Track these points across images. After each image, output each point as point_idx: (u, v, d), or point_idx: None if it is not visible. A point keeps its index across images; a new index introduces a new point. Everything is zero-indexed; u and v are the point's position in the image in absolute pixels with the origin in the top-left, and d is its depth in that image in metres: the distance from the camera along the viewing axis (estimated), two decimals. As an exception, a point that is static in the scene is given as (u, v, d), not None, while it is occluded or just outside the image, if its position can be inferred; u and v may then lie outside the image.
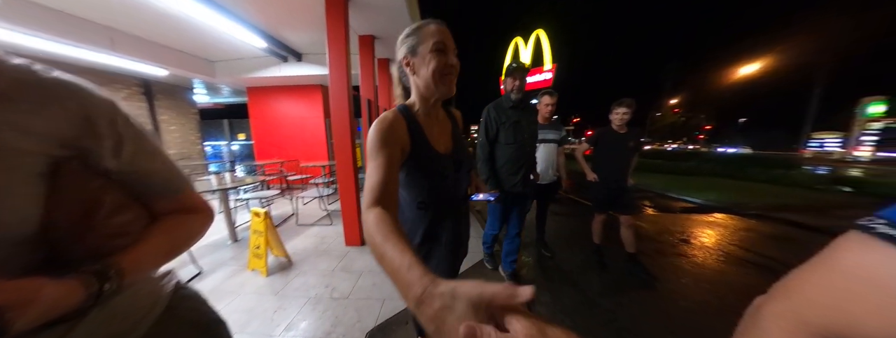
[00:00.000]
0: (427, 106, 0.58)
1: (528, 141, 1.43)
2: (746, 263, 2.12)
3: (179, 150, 4.84)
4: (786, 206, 3.96)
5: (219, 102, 6.99)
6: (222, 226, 2.31)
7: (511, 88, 1.36)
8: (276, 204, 3.58)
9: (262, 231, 1.65)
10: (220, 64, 3.98)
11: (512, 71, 1.35)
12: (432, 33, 0.52)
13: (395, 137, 0.52)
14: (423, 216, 0.62)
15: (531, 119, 1.45)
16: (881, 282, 0.12)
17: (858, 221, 0.15)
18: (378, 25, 2.65)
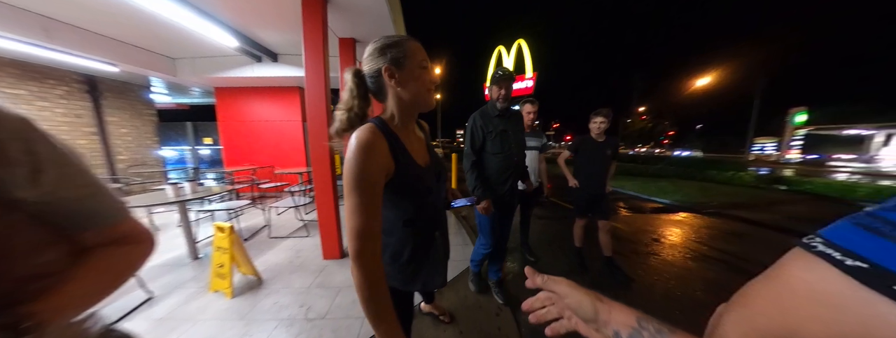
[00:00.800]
0: (406, 119, 0.57)
1: (516, 150, 1.38)
2: (709, 259, 2.31)
3: (132, 155, 4.31)
4: (738, 204, 4.45)
5: (183, 102, 6.39)
6: (180, 242, 2.06)
7: (497, 97, 1.32)
8: (247, 215, 3.29)
9: (227, 248, 1.48)
10: (182, 61, 3.64)
11: (498, 79, 1.29)
12: (418, 50, 0.53)
13: (379, 164, 0.49)
14: (412, 234, 0.60)
15: (518, 127, 1.40)
16: (819, 295, 0.15)
17: (802, 239, 0.18)
18: (360, 29, 2.59)
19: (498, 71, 1.31)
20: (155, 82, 4.43)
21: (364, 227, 0.46)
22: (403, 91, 0.54)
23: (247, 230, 2.70)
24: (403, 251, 0.60)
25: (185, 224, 1.95)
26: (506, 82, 1.29)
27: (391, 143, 0.52)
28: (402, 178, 0.53)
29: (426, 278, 0.63)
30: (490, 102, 1.37)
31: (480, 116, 1.35)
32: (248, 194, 3.93)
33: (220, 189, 2.18)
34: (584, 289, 0.29)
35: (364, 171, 0.47)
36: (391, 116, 0.56)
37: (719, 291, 1.78)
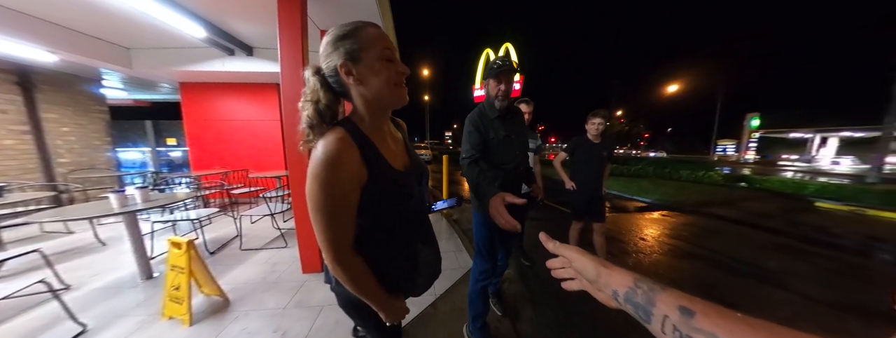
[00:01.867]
0: (376, 120, 0.51)
1: (521, 158, 1.16)
2: (694, 256, 2.39)
3: (76, 158, 3.76)
4: (710, 202, 4.75)
5: (142, 99, 5.74)
6: (127, 259, 1.77)
7: (495, 94, 1.06)
8: (217, 224, 2.96)
9: (184, 267, 1.27)
10: (139, 52, 3.24)
11: (497, 72, 1.03)
12: (378, 38, 0.45)
13: (349, 175, 0.45)
14: (397, 245, 0.55)
15: (521, 129, 1.17)
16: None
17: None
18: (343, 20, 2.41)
19: (495, 61, 1.05)
20: (107, 75, 3.92)
21: (340, 236, 0.46)
22: (365, 89, 0.47)
23: (214, 242, 2.41)
24: (386, 263, 0.54)
25: (135, 238, 1.67)
26: (506, 76, 1.04)
27: (363, 149, 0.47)
28: (377, 185, 0.48)
29: (413, 286, 0.60)
30: (486, 101, 1.13)
31: (479, 119, 1.10)
32: (220, 201, 3.55)
33: (182, 196, 1.91)
34: (590, 255, 0.33)
35: (331, 185, 0.43)
36: (360, 117, 0.50)
37: (710, 289, 1.82)
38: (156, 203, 1.60)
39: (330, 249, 0.46)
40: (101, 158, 4.06)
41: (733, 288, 1.85)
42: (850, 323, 1.47)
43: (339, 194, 0.44)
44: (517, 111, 1.20)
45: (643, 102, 41.57)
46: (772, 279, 1.97)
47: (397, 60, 0.48)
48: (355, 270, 0.48)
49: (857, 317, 1.53)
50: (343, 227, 0.46)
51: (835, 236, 3.04)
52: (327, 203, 0.44)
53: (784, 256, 2.46)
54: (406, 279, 0.57)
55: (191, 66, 3.35)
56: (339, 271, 0.47)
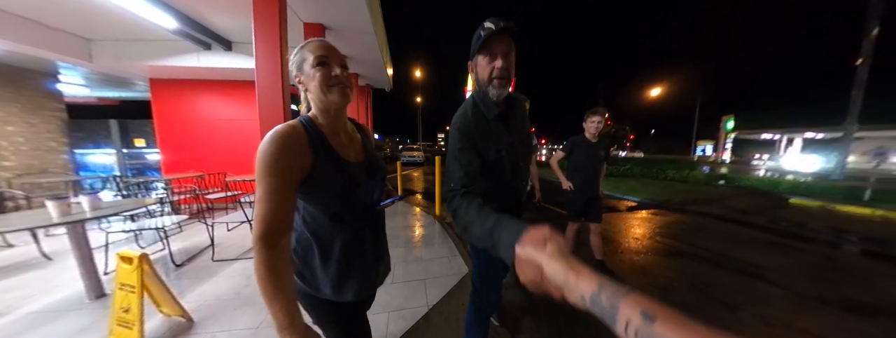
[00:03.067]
0: (329, 118, 0.58)
1: (525, 171, 0.87)
2: (685, 254, 2.41)
3: (25, 161, 3.37)
4: (694, 200, 4.92)
5: (108, 97, 5.30)
6: (71, 276, 1.54)
7: (489, 76, 0.69)
8: (189, 231, 2.71)
9: (135, 285, 1.09)
10: (102, 44, 2.95)
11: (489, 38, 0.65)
12: (314, 49, 0.54)
13: (290, 154, 0.50)
14: (340, 228, 0.58)
15: (525, 130, 0.86)
16: None
17: None
18: (328, 13, 2.28)
19: (487, 22, 0.66)
20: (65, 70, 3.56)
21: (272, 213, 0.48)
22: (310, 93, 0.56)
23: (182, 253, 2.18)
24: (332, 248, 0.58)
25: (81, 252, 1.45)
26: (500, 39, 0.66)
27: (311, 137, 0.54)
28: (322, 169, 0.53)
29: (359, 284, 0.60)
30: (477, 93, 0.76)
31: (473, 123, 0.73)
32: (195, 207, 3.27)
33: (138, 203, 1.70)
34: (561, 257, 0.31)
35: (271, 161, 0.48)
36: (315, 115, 0.58)
37: (705, 288, 1.81)
38: (104, 211, 1.39)
39: (259, 225, 0.47)
40: (57, 160, 3.67)
41: (727, 286, 1.85)
42: (840, 318, 1.49)
43: (278, 168, 0.48)
44: (518, 102, 0.84)
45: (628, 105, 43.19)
46: (761, 275, 2.01)
47: (331, 65, 0.54)
48: (275, 257, 0.48)
49: (844, 310, 1.57)
50: (279, 205, 0.48)
51: (811, 231, 3.21)
52: (272, 170, 0.48)
53: (769, 251, 2.53)
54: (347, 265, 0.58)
55: (162, 61, 3.09)
56: (260, 252, 0.47)
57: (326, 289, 0.58)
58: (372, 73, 3.81)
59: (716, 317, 1.49)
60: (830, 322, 1.46)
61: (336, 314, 0.61)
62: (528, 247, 0.35)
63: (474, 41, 0.69)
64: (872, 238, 2.96)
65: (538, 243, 0.34)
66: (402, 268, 1.93)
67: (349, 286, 0.59)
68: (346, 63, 0.58)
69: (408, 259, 2.10)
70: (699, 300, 1.66)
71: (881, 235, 3.08)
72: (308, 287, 0.58)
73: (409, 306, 1.48)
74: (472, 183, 0.67)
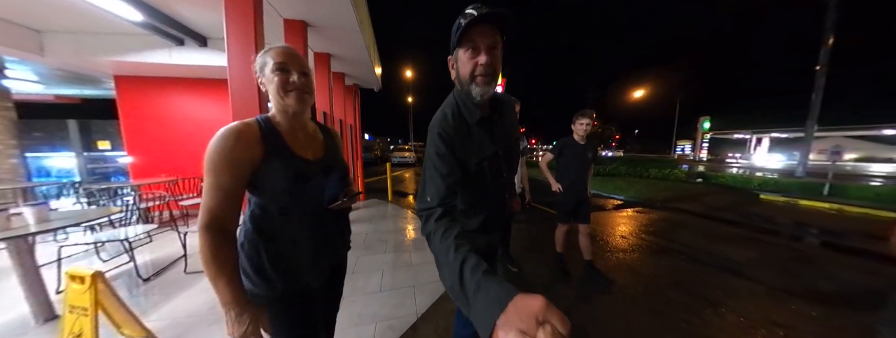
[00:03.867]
0: (287, 117, 0.61)
1: (509, 179, 0.80)
2: (669, 251, 2.50)
3: (-34, 165, 3.02)
4: (676, 197, 5.15)
5: (65, 94, 4.86)
6: (13, 295, 1.36)
7: (471, 73, 0.57)
8: (160, 241, 2.52)
9: (88, 307, 0.98)
10: (55, 37, 2.69)
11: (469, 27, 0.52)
12: (275, 54, 0.58)
13: (239, 149, 0.53)
14: (287, 222, 0.61)
15: (511, 135, 0.74)
16: None
17: None
18: (311, 9, 2.17)
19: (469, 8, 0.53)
20: (11, 64, 3.22)
21: (218, 204, 0.52)
22: (269, 95, 0.60)
23: (152, 265, 2.02)
24: (279, 241, 0.60)
25: (26, 269, 1.29)
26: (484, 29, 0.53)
27: (265, 132, 0.57)
28: (272, 164, 0.56)
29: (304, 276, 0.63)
30: (458, 94, 0.64)
31: (451, 129, 0.61)
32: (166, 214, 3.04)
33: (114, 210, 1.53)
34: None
35: (224, 151, 0.51)
36: (274, 114, 0.62)
37: (687, 285, 1.88)
38: (53, 224, 1.24)
39: (204, 215, 0.51)
40: (3, 165, 3.31)
41: (707, 282, 1.93)
42: (805, 309, 1.59)
43: (227, 162, 0.51)
44: (506, 105, 0.72)
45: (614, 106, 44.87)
46: (736, 270, 2.11)
47: (290, 71, 0.58)
48: (219, 243, 0.51)
49: (808, 301, 1.68)
50: (225, 196, 0.52)
51: (778, 225, 3.45)
52: (214, 167, 0.51)
53: (742, 246, 2.68)
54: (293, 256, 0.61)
55: (128, 57, 2.86)
56: (204, 238, 0.51)
57: (271, 282, 0.59)
58: (359, 72, 3.71)
59: (697, 313, 1.54)
60: (796, 313, 1.56)
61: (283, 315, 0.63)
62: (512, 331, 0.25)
63: (454, 32, 0.55)
64: (830, 231, 3.22)
65: (528, 323, 0.25)
66: (391, 275, 1.88)
67: (292, 279, 0.61)
68: (308, 71, 0.61)
69: (397, 265, 2.04)
70: (682, 297, 1.71)
71: (837, 227, 3.35)
72: (254, 286, 0.59)
73: (397, 315, 1.43)
74: (452, 199, 0.56)
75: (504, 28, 0.55)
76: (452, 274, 0.38)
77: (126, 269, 1.89)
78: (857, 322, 1.47)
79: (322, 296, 0.73)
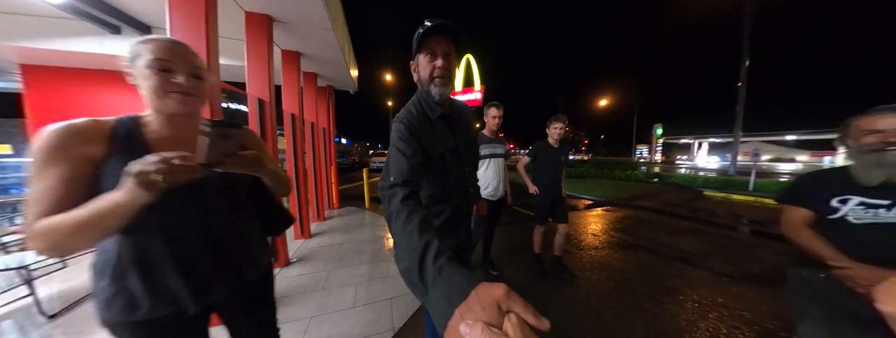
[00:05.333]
0: (163, 120, 0.54)
1: (472, 177, 0.84)
2: (635, 246, 2.72)
3: None
4: (637, 196, 5.67)
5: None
6: None
7: (429, 75, 0.65)
8: (77, 267, 2.07)
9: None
10: (-69, 15, 2.15)
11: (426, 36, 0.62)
12: (154, 49, 0.50)
13: (77, 140, 0.47)
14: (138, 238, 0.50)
15: (470, 136, 0.82)
16: None
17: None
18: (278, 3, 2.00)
19: (426, 20, 0.62)
20: None
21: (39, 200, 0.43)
22: (142, 90, 0.51)
23: (60, 299, 1.62)
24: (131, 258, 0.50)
25: None
26: (440, 39, 0.62)
27: (118, 132, 0.50)
28: (115, 167, 0.46)
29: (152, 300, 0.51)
30: (419, 94, 0.72)
31: (417, 120, 0.67)
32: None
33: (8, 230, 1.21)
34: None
35: (52, 148, 0.45)
36: (144, 116, 0.54)
37: (651, 276, 2.03)
38: None
39: (28, 209, 0.44)
40: None
41: (666, 272, 2.11)
42: (744, 290, 1.82)
43: (54, 151, 0.45)
44: (463, 107, 0.81)
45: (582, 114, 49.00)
46: (689, 260, 2.37)
47: (173, 71, 0.50)
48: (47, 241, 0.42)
49: (745, 283, 1.94)
50: (47, 189, 0.44)
51: (718, 217, 3.99)
52: (39, 156, 0.45)
53: (692, 237, 3.02)
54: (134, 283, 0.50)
55: (41, 43, 2.39)
56: (33, 239, 0.44)
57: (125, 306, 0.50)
58: (332, 73, 3.53)
59: (660, 303, 1.67)
60: (738, 295, 1.78)
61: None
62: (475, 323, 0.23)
63: (415, 40, 0.64)
64: (757, 220, 3.79)
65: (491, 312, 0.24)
66: (366, 289, 1.75)
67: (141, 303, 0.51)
68: (201, 71, 0.53)
69: (373, 277, 1.92)
70: (646, 288, 1.85)
71: (761, 217, 3.97)
72: (109, 311, 0.51)
73: (372, 332, 1.33)
74: (416, 177, 0.58)
75: (456, 38, 0.65)
76: (412, 257, 0.36)
77: (24, 304, 1.51)
78: (777, 296, 1.71)
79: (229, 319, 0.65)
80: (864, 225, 0.72)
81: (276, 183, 0.64)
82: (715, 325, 1.46)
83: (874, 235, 0.71)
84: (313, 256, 2.30)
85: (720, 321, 1.49)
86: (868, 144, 0.72)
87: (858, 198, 0.74)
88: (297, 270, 2.04)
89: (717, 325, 1.46)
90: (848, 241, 0.73)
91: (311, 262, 2.18)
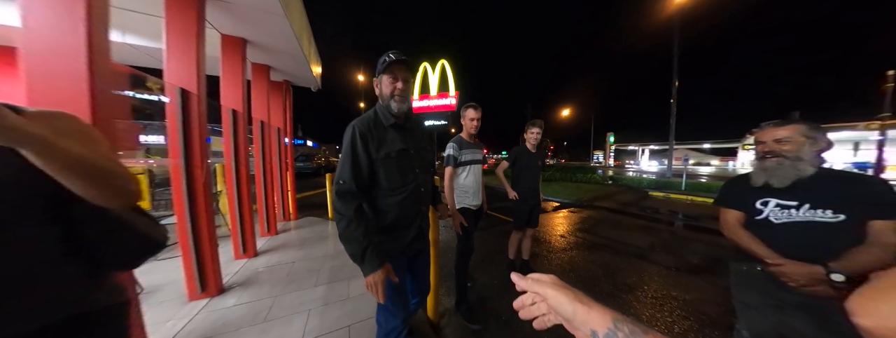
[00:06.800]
0: None
1: (423, 179, 0.94)
2: (598, 246, 2.87)
3: None
4: (597, 197, 6.20)
5: None
6: None
7: (390, 93, 0.84)
8: None
9: None
10: None
11: (390, 65, 0.81)
12: None
13: None
14: None
15: (421, 144, 0.96)
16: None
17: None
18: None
19: (389, 54, 0.83)
20: None
21: None
22: None
23: None
24: None
25: None
26: (401, 67, 0.83)
27: None
28: None
29: None
30: (379, 106, 0.89)
31: (366, 127, 0.83)
32: None
33: None
34: (565, 289, 0.31)
35: None
36: None
37: (613, 274, 2.14)
38: None
39: None
40: None
41: (627, 269, 2.25)
42: (687, 280, 2.02)
43: None
44: (418, 122, 1.01)
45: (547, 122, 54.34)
46: (643, 255, 2.58)
47: None
48: None
49: (687, 273, 2.18)
50: None
51: (661, 214, 4.54)
52: None
53: (643, 234, 3.34)
54: None
55: None
56: None
57: None
58: (289, 67, 3.13)
59: (624, 299, 1.75)
60: (683, 284, 1.96)
61: None
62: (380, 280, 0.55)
63: (380, 64, 0.84)
64: (689, 215, 4.43)
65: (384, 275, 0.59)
66: (319, 316, 1.48)
67: None
68: None
69: (330, 300, 1.64)
70: (610, 287, 1.93)
71: (693, 213, 4.64)
72: None
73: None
74: (361, 180, 0.81)
75: (411, 69, 0.88)
76: (358, 249, 0.76)
77: None
78: (713, 283, 1.96)
79: None
80: (783, 224, 0.80)
81: (87, 181, 0.40)
82: (670, 317, 1.57)
83: (793, 234, 0.78)
84: (257, 279, 1.92)
85: (673, 312, 1.62)
86: (756, 153, 0.86)
87: (775, 200, 0.82)
88: (234, 298, 1.66)
89: (671, 316, 1.58)
90: (774, 239, 0.80)
91: (252, 287, 1.81)
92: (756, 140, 0.86)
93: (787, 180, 0.79)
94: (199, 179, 1.57)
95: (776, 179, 0.80)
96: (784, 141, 0.79)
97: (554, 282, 0.32)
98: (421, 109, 10.41)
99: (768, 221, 0.82)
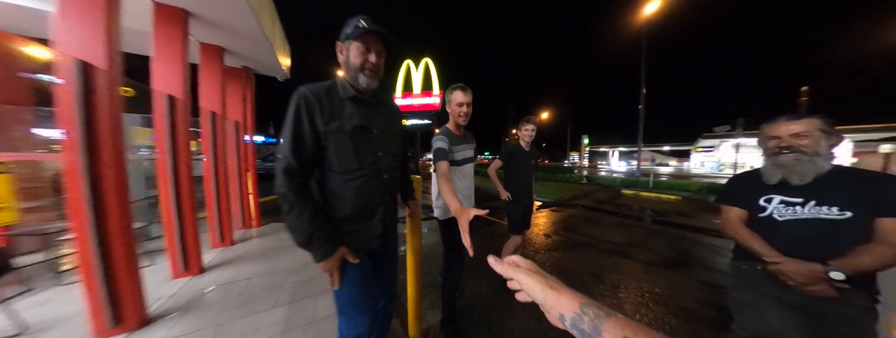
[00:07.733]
0: None
1: (385, 163, 0.79)
2: (580, 244, 2.89)
3: None
4: (576, 196, 6.45)
5: None
6: None
7: (360, 64, 0.70)
8: None
9: None
10: None
11: (364, 33, 0.68)
12: None
13: None
14: None
15: (390, 123, 0.82)
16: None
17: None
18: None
19: (360, 19, 0.69)
20: None
21: None
22: None
23: None
24: None
25: None
26: (376, 39, 0.69)
27: None
28: None
29: None
30: (343, 78, 0.76)
31: (315, 93, 0.70)
32: None
33: None
34: (538, 276, 0.32)
35: None
36: None
37: (598, 273, 2.13)
38: None
39: None
40: None
41: (611, 268, 2.26)
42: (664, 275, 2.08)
43: None
44: (391, 103, 0.88)
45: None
46: (622, 252, 2.64)
47: None
48: None
49: (664, 268, 2.25)
50: None
51: (634, 211, 4.80)
52: None
53: (620, 230, 3.47)
54: None
55: None
56: None
57: None
58: (248, 50, 2.72)
59: (611, 298, 1.73)
60: (664, 280, 2.01)
61: None
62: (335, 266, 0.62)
63: (351, 26, 0.71)
64: (658, 211, 4.74)
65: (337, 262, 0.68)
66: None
67: None
68: None
69: (291, 325, 1.37)
70: (597, 286, 1.91)
71: (661, 209, 4.98)
72: None
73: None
74: (303, 155, 0.69)
75: (389, 46, 0.75)
76: (304, 236, 0.67)
77: None
78: (689, 277, 2.03)
79: None
80: (787, 221, 0.77)
81: None
82: (657, 315, 1.56)
83: (797, 231, 0.75)
84: (199, 303, 1.57)
85: (657, 308, 1.63)
86: (768, 148, 0.80)
87: (780, 197, 0.79)
88: (163, 331, 1.31)
89: (656, 313, 1.58)
90: (777, 237, 0.77)
91: (192, 313, 1.46)
92: (767, 135, 0.81)
93: (807, 177, 0.74)
94: (110, 181, 1.22)
95: (796, 176, 0.75)
96: (802, 135, 0.74)
97: (529, 267, 0.33)
98: (404, 107, 10.12)
99: (772, 219, 0.79)
